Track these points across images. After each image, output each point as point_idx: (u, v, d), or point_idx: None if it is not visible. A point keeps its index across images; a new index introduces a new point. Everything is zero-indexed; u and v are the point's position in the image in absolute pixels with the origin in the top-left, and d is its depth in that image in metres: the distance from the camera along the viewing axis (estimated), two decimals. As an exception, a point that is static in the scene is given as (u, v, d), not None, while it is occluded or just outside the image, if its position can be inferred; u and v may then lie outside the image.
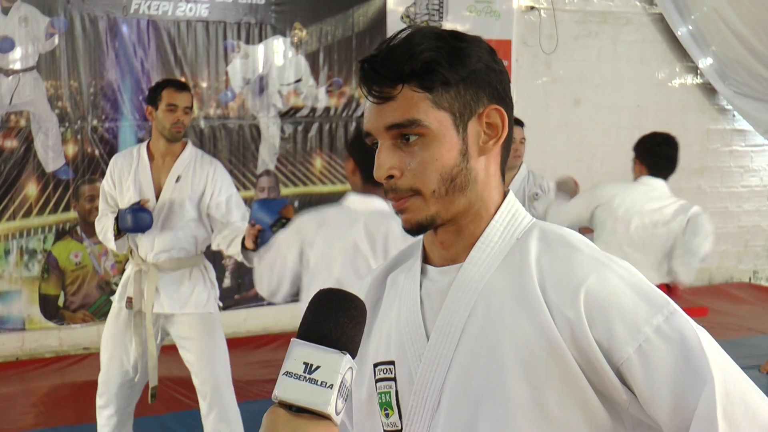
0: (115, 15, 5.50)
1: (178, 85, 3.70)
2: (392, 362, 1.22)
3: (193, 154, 3.72)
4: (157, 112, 3.59)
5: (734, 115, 7.67)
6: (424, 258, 1.25)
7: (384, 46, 1.14)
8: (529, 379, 1.10)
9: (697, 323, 1.11)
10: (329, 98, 6.14)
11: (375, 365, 1.24)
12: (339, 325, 0.95)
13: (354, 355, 0.95)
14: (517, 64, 6.75)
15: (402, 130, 1.14)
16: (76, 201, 5.52)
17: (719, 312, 6.67)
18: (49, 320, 5.53)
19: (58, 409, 4.67)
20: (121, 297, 3.68)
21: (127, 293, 3.64)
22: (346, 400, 0.94)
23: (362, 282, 1.34)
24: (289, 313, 5.84)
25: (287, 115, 6.06)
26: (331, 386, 0.91)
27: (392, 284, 1.28)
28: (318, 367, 0.91)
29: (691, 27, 7.21)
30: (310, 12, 6.04)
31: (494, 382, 1.12)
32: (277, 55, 5.99)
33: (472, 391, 1.13)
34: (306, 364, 0.91)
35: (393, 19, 6.22)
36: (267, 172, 6.05)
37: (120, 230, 3.56)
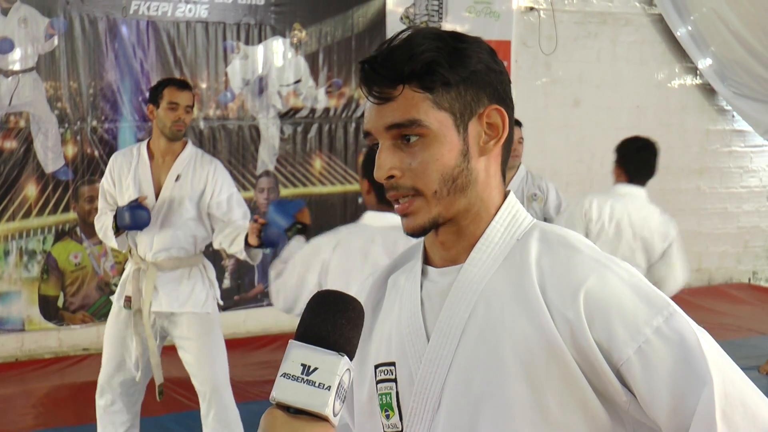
0: (115, 16, 5.49)
1: (180, 84, 3.71)
2: (393, 363, 1.22)
3: (193, 153, 3.72)
4: (158, 110, 3.59)
5: (733, 116, 7.66)
6: (425, 259, 1.25)
7: (384, 46, 1.15)
8: (529, 380, 1.10)
9: (697, 324, 1.11)
10: (329, 99, 6.14)
11: (376, 366, 1.24)
12: (337, 326, 0.95)
13: (352, 357, 0.95)
14: (517, 65, 6.75)
15: (402, 131, 1.14)
16: (76, 202, 5.52)
17: (719, 313, 6.67)
18: (49, 321, 5.53)
19: (58, 410, 4.67)
20: (120, 296, 3.68)
21: (126, 292, 3.65)
22: (344, 402, 0.94)
23: (363, 284, 1.34)
24: (289, 314, 5.85)
25: (287, 116, 6.06)
26: (329, 388, 0.91)
27: (393, 286, 1.28)
28: (316, 369, 0.91)
29: (690, 28, 7.21)
30: (310, 13, 6.03)
31: (494, 383, 1.12)
32: (276, 55, 5.99)
33: (472, 393, 1.13)
34: (304, 365, 0.91)
35: (392, 20, 6.22)
36: (266, 173, 6.04)
37: (118, 228, 3.57)
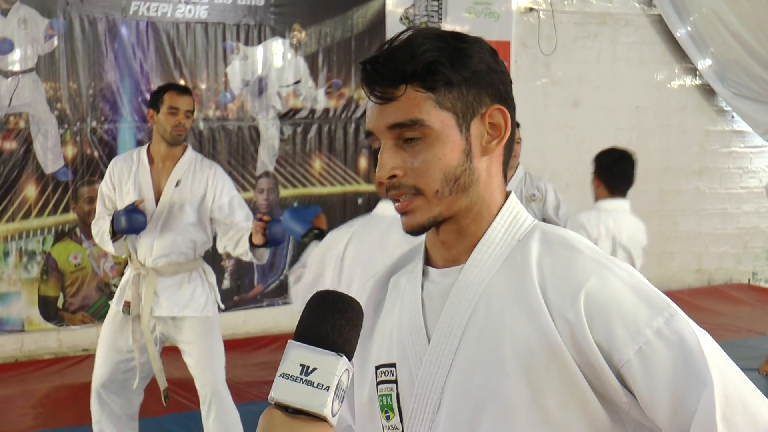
0: (114, 17, 5.49)
1: (180, 89, 3.73)
2: (393, 364, 1.21)
3: (192, 158, 3.73)
4: (158, 115, 3.60)
5: (733, 117, 7.66)
6: (426, 260, 1.25)
7: (386, 47, 1.15)
8: (529, 381, 1.10)
9: (697, 325, 1.11)
10: (328, 100, 6.14)
11: (377, 368, 1.24)
12: (335, 327, 0.95)
13: (350, 357, 0.95)
14: (516, 66, 6.75)
15: (405, 130, 1.14)
16: (76, 202, 5.51)
17: (718, 313, 6.67)
18: (48, 322, 5.53)
19: (57, 411, 4.67)
20: (119, 300, 3.67)
21: (125, 297, 3.64)
22: (343, 402, 0.94)
23: (365, 285, 1.34)
24: (288, 315, 5.85)
25: (286, 117, 6.06)
26: (328, 388, 0.91)
27: (394, 286, 1.28)
28: (314, 369, 0.91)
29: (690, 28, 7.21)
30: (309, 13, 6.03)
31: (494, 384, 1.12)
32: (276, 56, 5.98)
33: (473, 394, 1.13)
34: (302, 365, 0.91)
35: (392, 21, 6.21)
36: (266, 174, 6.04)
37: (115, 232, 3.57)
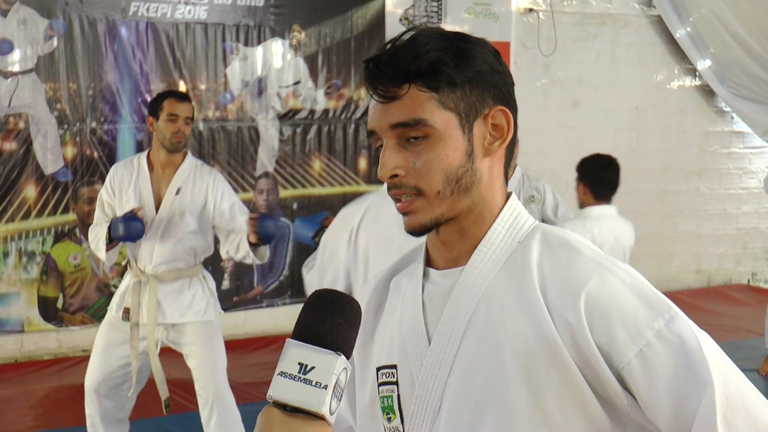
0: (114, 17, 5.49)
1: (179, 96, 3.76)
2: (394, 366, 1.21)
3: (192, 165, 3.73)
4: (158, 122, 3.61)
5: (733, 117, 7.66)
6: (427, 261, 1.24)
7: (389, 46, 1.14)
8: (529, 383, 1.10)
9: (697, 325, 1.11)
10: (328, 100, 6.13)
11: (378, 369, 1.24)
12: (334, 326, 0.95)
13: (349, 356, 0.95)
14: (516, 66, 6.75)
15: (407, 130, 1.13)
16: (75, 203, 5.51)
17: (718, 314, 6.67)
18: (48, 322, 5.53)
19: (57, 412, 4.67)
20: (118, 306, 3.66)
21: (125, 304, 3.63)
22: (341, 401, 0.94)
23: (366, 286, 1.34)
24: (288, 315, 5.85)
25: (286, 117, 6.06)
26: (326, 387, 0.91)
27: (395, 288, 1.28)
28: (313, 368, 0.91)
29: (689, 29, 7.21)
30: (309, 14, 6.03)
31: (495, 386, 1.12)
32: (275, 57, 5.99)
33: (473, 395, 1.13)
34: (301, 364, 0.92)
35: (391, 21, 6.21)
36: (266, 174, 6.04)
37: (112, 239, 3.56)
